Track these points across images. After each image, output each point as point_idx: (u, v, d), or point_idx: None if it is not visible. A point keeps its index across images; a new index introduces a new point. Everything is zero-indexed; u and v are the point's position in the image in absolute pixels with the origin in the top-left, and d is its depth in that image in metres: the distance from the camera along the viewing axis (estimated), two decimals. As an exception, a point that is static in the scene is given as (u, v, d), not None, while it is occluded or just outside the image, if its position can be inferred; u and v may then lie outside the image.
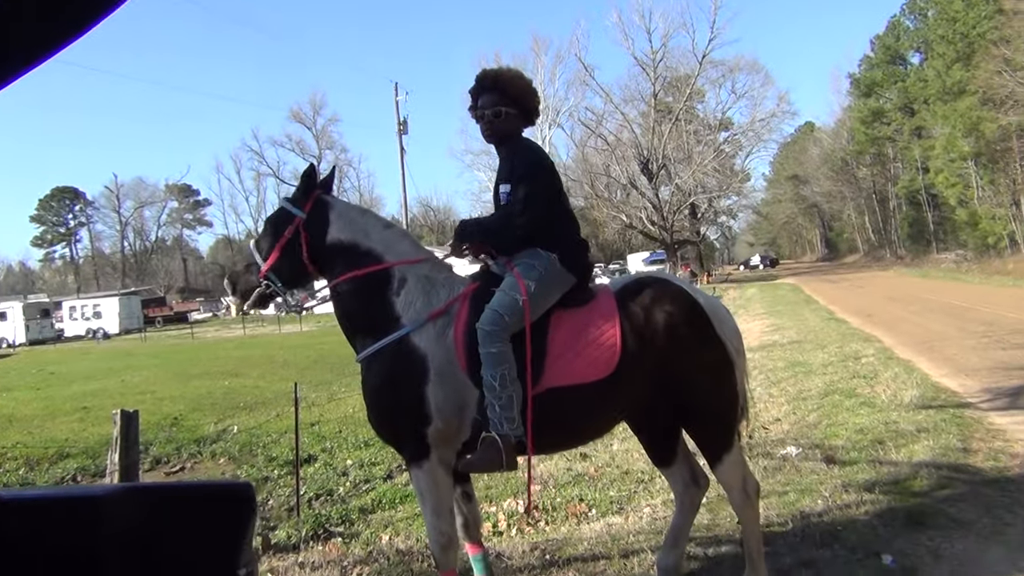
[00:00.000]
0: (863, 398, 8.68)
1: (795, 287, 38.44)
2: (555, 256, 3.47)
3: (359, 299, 3.55)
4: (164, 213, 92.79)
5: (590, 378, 3.35)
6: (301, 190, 3.71)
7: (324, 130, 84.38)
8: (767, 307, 26.03)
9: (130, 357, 28.46)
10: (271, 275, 3.66)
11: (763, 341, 15.47)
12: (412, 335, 3.41)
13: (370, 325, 3.51)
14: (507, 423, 3.24)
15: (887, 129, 62.16)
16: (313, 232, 3.62)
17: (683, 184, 49.52)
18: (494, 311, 3.30)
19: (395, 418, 3.43)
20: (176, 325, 58.41)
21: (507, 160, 3.64)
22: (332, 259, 3.61)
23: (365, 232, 3.63)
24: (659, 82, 52.38)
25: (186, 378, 18.92)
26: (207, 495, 1.16)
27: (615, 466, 7.03)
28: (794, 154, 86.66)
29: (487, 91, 3.63)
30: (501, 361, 3.24)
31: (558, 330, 3.42)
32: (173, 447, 10.89)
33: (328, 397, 13.58)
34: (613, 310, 3.46)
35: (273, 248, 3.65)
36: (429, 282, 3.56)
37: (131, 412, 5.23)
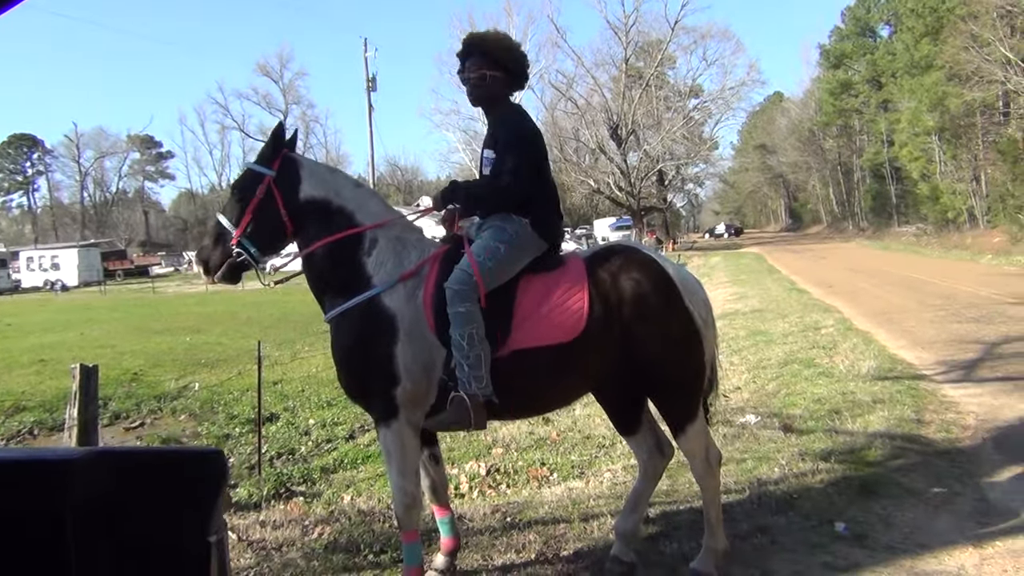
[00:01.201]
0: (822, 368, 8.83)
1: (759, 256, 38.85)
2: (527, 221, 3.48)
3: (330, 259, 3.52)
4: (125, 164, 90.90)
5: (556, 340, 3.37)
6: (269, 148, 3.64)
7: (291, 84, 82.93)
8: (731, 276, 26.29)
9: (89, 310, 28.02)
10: (244, 241, 3.54)
11: (726, 310, 15.63)
12: (383, 296, 3.41)
13: (340, 285, 3.50)
14: (475, 382, 3.26)
15: (854, 101, 62.49)
16: (284, 190, 3.56)
17: (651, 150, 49.70)
18: (462, 271, 3.32)
19: (364, 377, 3.44)
20: (137, 279, 57.40)
21: (493, 125, 3.63)
22: (304, 218, 3.56)
23: (336, 191, 3.59)
24: (631, 47, 52.15)
25: (147, 333, 18.68)
26: (177, 461, 1.15)
27: (577, 431, 7.09)
28: (762, 123, 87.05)
29: (472, 55, 3.61)
30: (469, 320, 3.25)
31: (526, 294, 3.44)
32: (133, 403, 10.79)
33: (291, 356, 13.49)
34: (582, 275, 3.48)
35: (244, 212, 3.55)
36: (400, 243, 3.55)
37: (90, 367, 5.16)
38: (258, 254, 3.58)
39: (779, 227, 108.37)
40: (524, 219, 3.48)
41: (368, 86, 42.49)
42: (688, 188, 72.05)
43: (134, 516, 1.02)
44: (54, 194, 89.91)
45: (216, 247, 3.60)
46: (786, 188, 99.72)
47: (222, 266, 3.57)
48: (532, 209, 3.52)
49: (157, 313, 24.76)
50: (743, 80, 54.08)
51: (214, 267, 3.59)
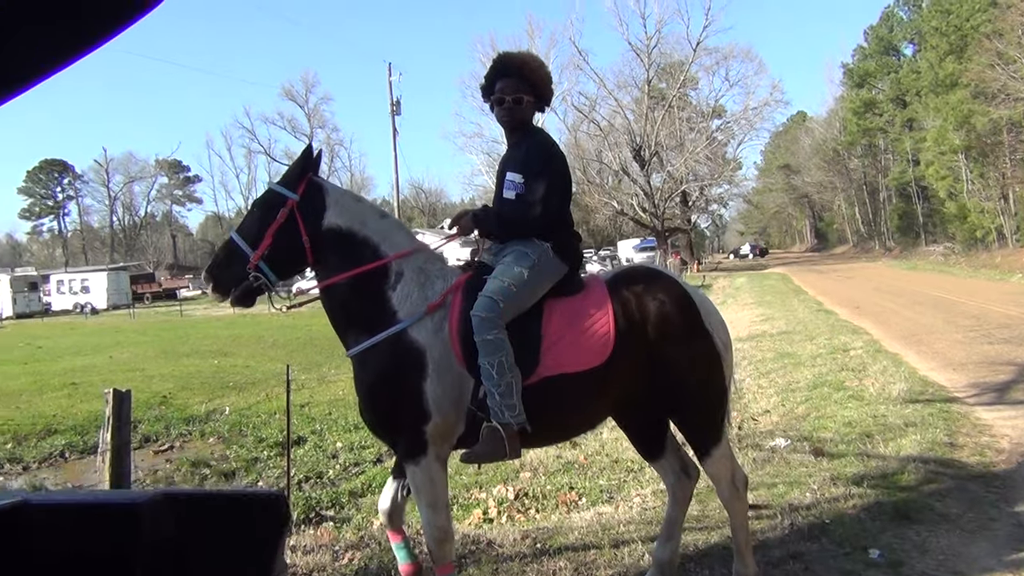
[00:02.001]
0: (851, 391, 8.74)
1: (784, 277, 38.57)
2: (549, 245, 3.48)
3: (354, 292, 3.45)
4: (154, 188, 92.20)
5: (585, 366, 3.36)
6: (296, 170, 3.55)
7: (316, 109, 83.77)
8: (756, 297, 26.12)
9: (118, 333, 28.34)
10: (262, 264, 3.43)
11: (752, 331, 15.52)
12: (410, 329, 3.36)
13: (365, 319, 3.43)
14: (508, 411, 3.23)
15: (879, 120, 62.13)
16: (308, 216, 3.46)
17: (675, 171, 49.51)
18: (487, 297, 3.28)
19: (393, 415, 3.38)
20: (165, 302, 58.08)
21: (518, 148, 3.62)
22: (326, 247, 3.48)
23: (362, 221, 3.53)
24: (653, 68, 52.09)
25: (175, 356, 18.86)
26: (240, 504, 1.16)
27: (604, 454, 7.06)
28: (786, 143, 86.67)
29: (509, 76, 3.59)
30: (498, 348, 3.22)
31: (551, 320, 3.42)
32: (162, 426, 10.88)
33: (318, 379, 13.57)
34: (605, 299, 3.48)
35: (264, 234, 3.43)
36: (424, 274, 3.50)
37: (123, 392, 5.21)
38: (275, 278, 3.49)
39: (804, 247, 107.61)
40: (546, 243, 3.47)
41: (392, 110, 42.82)
42: (712, 209, 71.57)
43: (200, 558, 1.03)
44: (84, 218, 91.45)
45: (228, 266, 3.48)
46: (811, 208, 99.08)
47: (236, 288, 3.45)
48: (554, 233, 3.51)
49: (185, 336, 24.99)
50: (766, 100, 53.88)
51: (225, 287, 3.47)
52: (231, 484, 8.14)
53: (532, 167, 3.51)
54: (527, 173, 3.52)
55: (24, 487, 8.30)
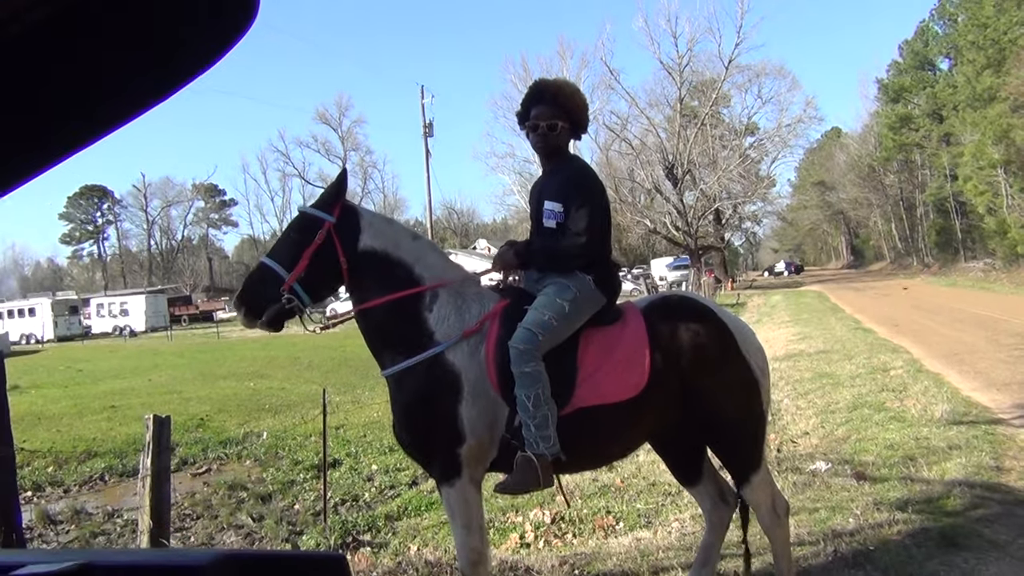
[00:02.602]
0: (893, 412, 8.59)
1: (820, 295, 38.14)
2: (590, 278, 3.46)
3: (391, 314, 3.47)
4: (190, 212, 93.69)
5: (620, 397, 3.35)
6: (332, 193, 3.57)
7: (350, 131, 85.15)
8: (792, 315, 25.83)
9: (156, 356, 28.73)
10: (297, 287, 3.42)
11: (789, 350, 15.34)
12: (447, 352, 3.37)
13: (402, 341, 3.44)
14: (543, 442, 3.23)
15: (915, 135, 61.39)
16: (344, 238, 3.48)
17: (708, 189, 49.33)
18: (527, 330, 3.28)
19: (428, 436, 3.40)
20: (202, 324, 58.87)
21: (555, 176, 3.62)
22: (361, 269, 3.50)
23: (395, 242, 3.55)
24: (685, 86, 52.12)
25: (212, 379, 19.07)
26: (301, 566, 1.16)
27: (641, 477, 6.99)
28: (820, 160, 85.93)
29: (545, 103, 3.59)
30: (535, 381, 3.21)
31: (588, 350, 3.41)
32: (199, 448, 10.98)
33: (352, 400, 13.63)
34: (642, 329, 3.46)
35: (301, 256, 3.43)
36: (460, 297, 3.52)
37: (163, 417, 5.28)
38: (309, 301, 3.49)
39: (840, 264, 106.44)
40: (587, 276, 3.46)
41: (425, 132, 43.28)
42: (746, 226, 71.23)
43: None
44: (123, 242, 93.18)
45: (261, 291, 3.45)
46: (847, 225, 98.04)
47: (267, 311, 3.41)
48: (596, 266, 3.50)
49: (222, 358, 25.27)
50: (799, 117, 53.73)
51: (258, 311, 3.43)
52: (267, 506, 8.18)
53: (572, 197, 3.50)
54: (567, 202, 3.51)
55: (66, 510, 8.41)
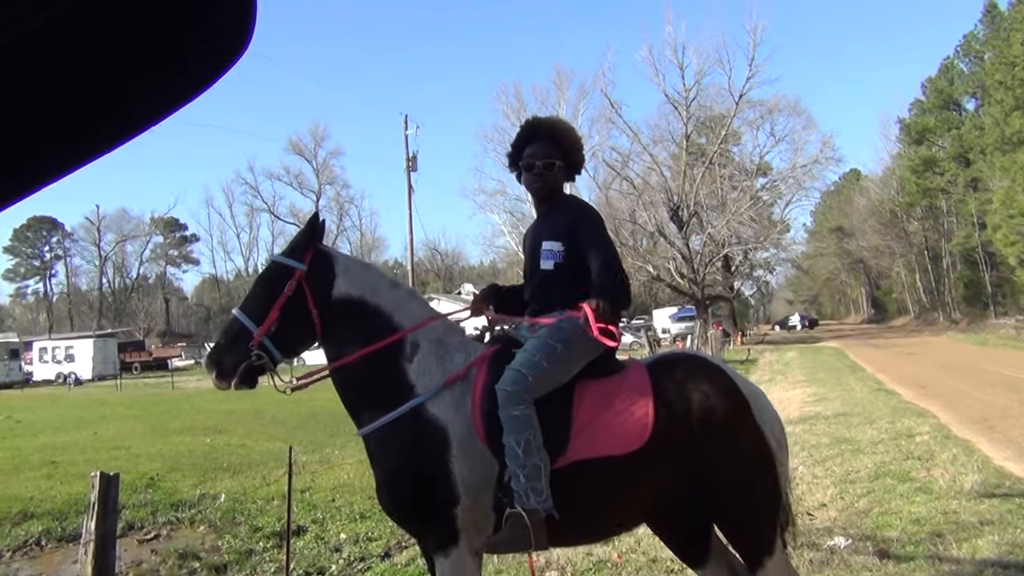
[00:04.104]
0: (918, 483, 8.56)
1: (839, 351, 38.24)
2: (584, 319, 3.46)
3: (368, 367, 3.48)
4: (147, 248, 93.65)
5: (621, 450, 3.33)
6: (303, 239, 3.64)
7: (325, 163, 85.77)
8: (808, 374, 25.86)
9: (104, 406, 28.44)
10: (267, 342, 3.46)
11: (804, 413, 15.33)
12: (428, 404, 3.38)
13: (380, 395, 3.45)
14: (534, 495, 3.18)
15: (940, 180, 62.22)
16: (316, 287, 3.53)
17: (716, 234, 49.61)
18: (515, 371, 3.29)
19: (419, 498, 3.36)
20: (155, 372, 58.37)
21: (552, 216, 3.68)
22: (336, 319, 3.54)
23: (373, 289, 3.59)
24: (692, 122, 52.74)
25: (164, 433, 18.85)
26: None
27: (641, 552, 6.91)
28: (838, 204, 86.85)
29: (540, 140, 3.68)
30: (525, 425, 3.20)
31: (584, 399, 3.42)
32: (148, 511, 10.80)
33: (321, 460, 13.48)
34: (645, 382, 3.47)
35: (271, 308, 3.48)
36: (443, 347, 3.54)
37: (111, 475, 5.20)
38: (280, 357, 3.53)
39: (860, 318, 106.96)
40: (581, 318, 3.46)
41: (408, 166, 43.36)
42: (757, 275, 71.61)
43: None
44: (72, 280, 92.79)
45: (232, 349, 3.49)
46: (867, 275, 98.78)
47: (238, 369, 3.44)
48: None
49: (176, 410, 25.03)
50: (816, 157, 54.12)
51: (228, 371, 3.46)
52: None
53: (577, 234, 3.55)
54: (568, 241, 3.56)
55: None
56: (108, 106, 0.93)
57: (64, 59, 0.85)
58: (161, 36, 0.90)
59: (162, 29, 0.89)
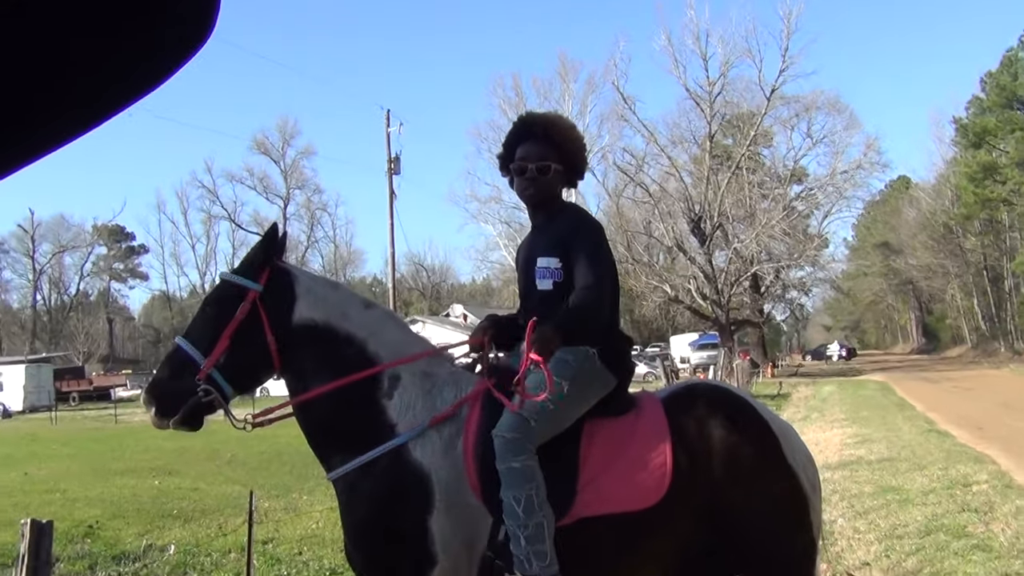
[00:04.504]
0: (976, 539, 8.55)
1: (884, 386, 38.20)
2: (595, 351, 3.47)
3: (339, 405, 3.46)
4: (89, 260, 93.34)
5: (635, 506, 3.33)
6: (259, 255, 3.62)
7: (295, 164, 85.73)
8: (849, 412, 25.83)
9: (36, 443, 28.33)
10: (215, 375, 3.42)
11: (844, 457, 15.32)
12: (411, 446, 3.36)
13: (354, 437, 3.43)
14: (536, 560, 3.18)
15: (1001, 189, 62.24)
16: (274, 310, 3.50)
17: (743, 249, 49.60)
18: (517, 415, 3.27)
19: (388, 558, 3.35)
20: (96, 403, 58.21)
21: (548, 227, 3.68)
22: (298, 348, 3.51)
23: (342, 312, 3.57)
24: (716, 120, 52.68)
25: (106, 474, 18.77)
26: None
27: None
28: (884, 216, 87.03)
29: (533, 140, 3.66)
30: (527, 480, 3.19)
31: (593, 444, 3.42)
32: (86, 564, 10.75)
33: (286, 507, 13.44)
34: (662, 421, 3.47)
35: (220, 335, 3.44)
36: (429, 379, 3.53)
37: (43, 523, 5.19)
38: (231, 391, 3.50)
39: (909, 348, 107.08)
40: (592, 349, 3.46)
41: (390, 168, 43.30)
42: (791, 297, 71.53)
43: None
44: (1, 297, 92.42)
45: (175, 382, 3.45)
46: (917, 298, 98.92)
47: (182, 407, 3.38)
48: (600, 334, 3.51)
49: (119, 448, 24.93)
50: (858, 162, 54.17)
51: (171, 409, 3.40)
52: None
53: (572, 248, 3.54)
54: (565, 256, 3.55)
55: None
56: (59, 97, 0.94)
57: (10, 47, 0.85)
58: (120, 21, 0.91)
59: (120, 14, 0.90)
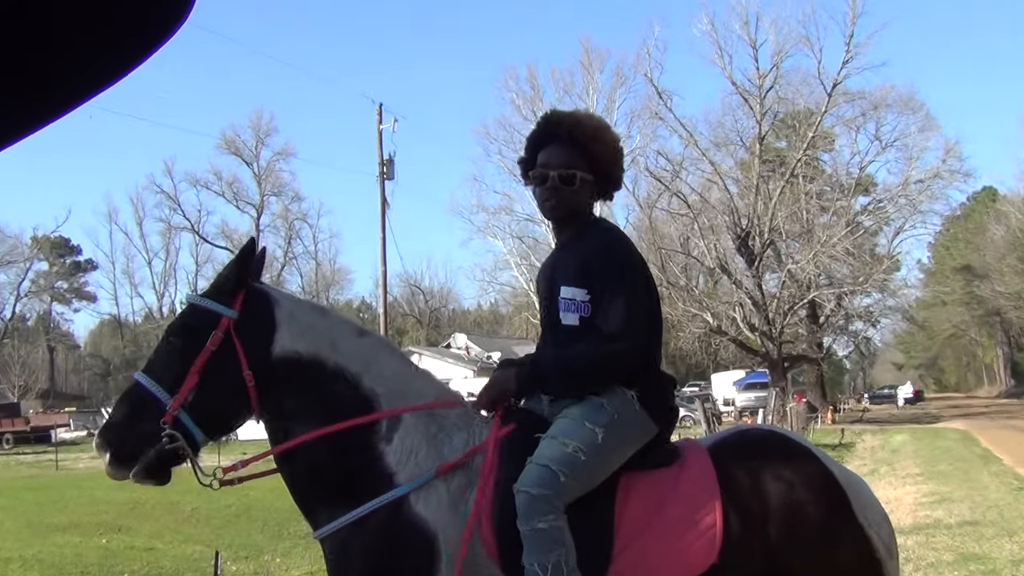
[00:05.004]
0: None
1: (966, 435, 37.99)
2: (633, 394, 3.46)
3: (329, 451, 3.46)
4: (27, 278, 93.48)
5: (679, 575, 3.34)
6: (231, 276, 3.60)
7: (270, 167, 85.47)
8: (924, 466, 25.72)
9: (-38, 493, 28.39)
10: (183, 416, 3.39)
11: (919, 519, 15.25)
12: (412, 498, 3.36)
13: (343, 486, 3.44)
14: None
15: (1106, 203, 62.27)
16: (251, 340, 3.49)
17: (799, 271, 49.26)
18: (543, 467, 3.27)
19: None
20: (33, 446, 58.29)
21: (573, 248, 3.66)
22: (280, 384, 3.51)
23: (331, 341, 3.57)
24: (767, 120, 52.48)
25: (44, 530, 18.80)
26: None
27: None
28: (966, 235, 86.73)
29: (557, 143, 3.64)
30: (554, 543, 3.19)
31: (630, 502, 3.42)
32: (21, 638, 10.80)
33: (257, 571, 13.45)
34: (710, 476, 3.46)
35: (187, 371, 3.42)
36: (435, 422, 3.53)
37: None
38: (202, 437, 3.49)
39: (996, 390, 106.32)
40: (629, 391, 3.46)
41: (382, 172, 43.05)
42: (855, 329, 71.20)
43: None
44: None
45: (134, 425, 3.42)
46: (1005, 331, 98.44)
47: (144, 456, 3.35)
48: (640, 377, 3.51)
49: (61, 500, 24.94)
50: (936, 170, 53.78)
51: (130, 457, 3.37)
52: None
53: (600, 276, 3.53)
54: (594, 287, 3.53)
55: None
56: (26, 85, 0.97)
57: None
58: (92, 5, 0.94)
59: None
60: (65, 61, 0.98)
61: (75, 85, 1.01)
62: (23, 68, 0.96)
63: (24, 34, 0.92)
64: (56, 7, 0.93)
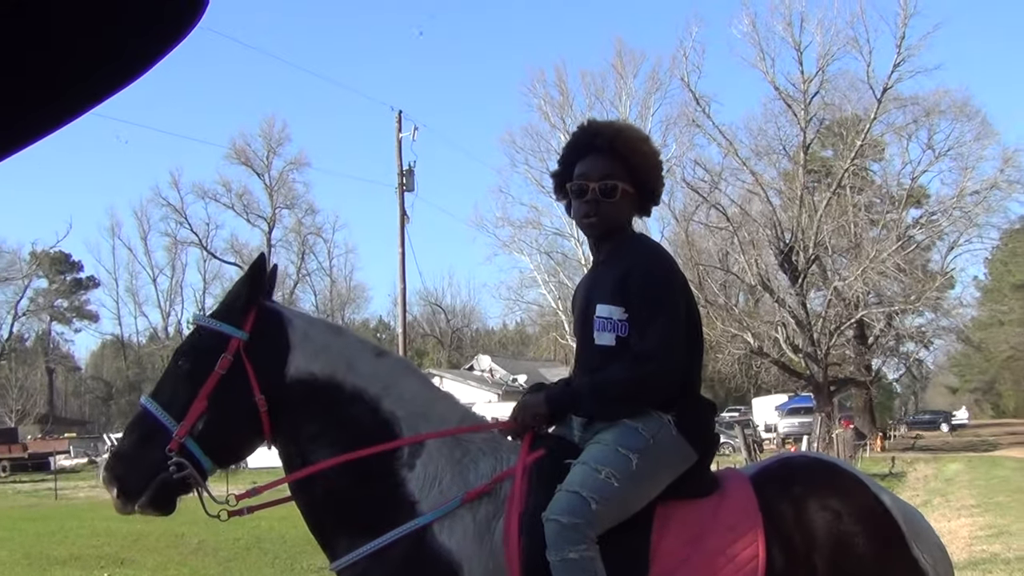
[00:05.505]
0: None
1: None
2: (671, 418, 3.47)
3: (348, 478, 3.47)
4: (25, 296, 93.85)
5: None
6: (242, 295, 3.62)
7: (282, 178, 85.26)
8: (980, 497, 25.55)
9: (-44, 523, 28.53)
10: (191, 443, 3.42)
11: (974, 554, 15.15)
12: (436, 528, 3.37)
13: (363, 515, 3.45)
14: None
15: None
16: (262, 363, 3.51)
17: (846, 289, 49.01)
18: (574, 494, 3.28)
19: None
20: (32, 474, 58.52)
21: (613, 267, 3.66)
22: (294, 409, 3.53)
23: (348, 362, 3.58)
24: (812, 127, 52.26)
25: (44, 564, 18.89)
26: None
27: None
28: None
29: (596, 154, 3.65)
30: (585, 574, 3.21)
31: (667, 533, 3.42)
32: None
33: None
34: (752, 506, 3.46)
35: (195, 396, 3.44)
36: (460, 447, 3.54)
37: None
38: (211, 465, 3.51)
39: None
40: (666, 415, 3.47)
41: (401, 183, 43.09)
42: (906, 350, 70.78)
43: None
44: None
45: (141, 455, 3.45)
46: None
47: (150, 486, 3.39)
48: (679, 401, 3.51)
49: (60, 531, 25.03)
50: (993, 180, 53.19)
51: (136, 489, 3.41)
52: None
53: (639, 293, 3.53)
54: (632, 305, 3.53)
55: None
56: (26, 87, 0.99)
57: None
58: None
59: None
60: (68, 64, 1.00)
61: (80, 90, 1.02)
62: (23, 70, 0.97)
63: (24, 34, 0.94)
64: (57, 7, 0.95)
